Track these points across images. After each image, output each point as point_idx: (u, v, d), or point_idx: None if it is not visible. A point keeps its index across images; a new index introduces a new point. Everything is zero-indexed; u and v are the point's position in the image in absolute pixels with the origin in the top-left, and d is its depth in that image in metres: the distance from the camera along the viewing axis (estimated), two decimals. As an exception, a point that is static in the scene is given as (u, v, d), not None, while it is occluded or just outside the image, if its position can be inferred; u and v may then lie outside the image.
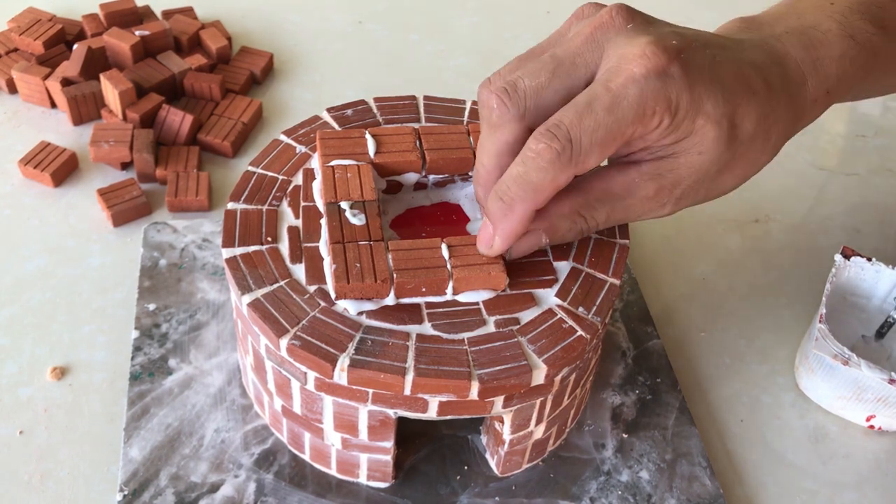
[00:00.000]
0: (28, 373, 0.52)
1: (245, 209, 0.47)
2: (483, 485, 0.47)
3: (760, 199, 0.68)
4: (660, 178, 0.42)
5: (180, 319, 0.54)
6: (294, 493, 0.46)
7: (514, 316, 0.43)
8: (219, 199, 0.64)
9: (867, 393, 0.51)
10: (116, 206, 0.60)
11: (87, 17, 0.74)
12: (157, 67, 0.70)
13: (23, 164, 0.63)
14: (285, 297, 0.42)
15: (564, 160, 0.38)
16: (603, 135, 0.38)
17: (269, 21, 0.82)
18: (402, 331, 0.42)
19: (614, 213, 0.43)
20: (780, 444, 0.52)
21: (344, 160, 0.47)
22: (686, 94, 0.39)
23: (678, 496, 0.48)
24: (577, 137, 0.38)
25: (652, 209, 0.43)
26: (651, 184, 0.42)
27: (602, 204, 0.42)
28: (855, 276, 0.56)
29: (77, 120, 0.68)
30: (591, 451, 0.49)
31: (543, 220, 0.42)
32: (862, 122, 0.78)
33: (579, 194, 0.42)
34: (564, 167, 0.38)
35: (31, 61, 0.70)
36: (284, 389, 0.44)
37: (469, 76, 0.77)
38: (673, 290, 0.61)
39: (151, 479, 0.46)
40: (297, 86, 0.75)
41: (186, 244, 0.58)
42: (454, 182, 0.49)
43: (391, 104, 0.53)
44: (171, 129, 0.66)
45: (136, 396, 0.49)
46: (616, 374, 0.53)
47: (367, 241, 0.43)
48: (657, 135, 0.40)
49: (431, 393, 0.40)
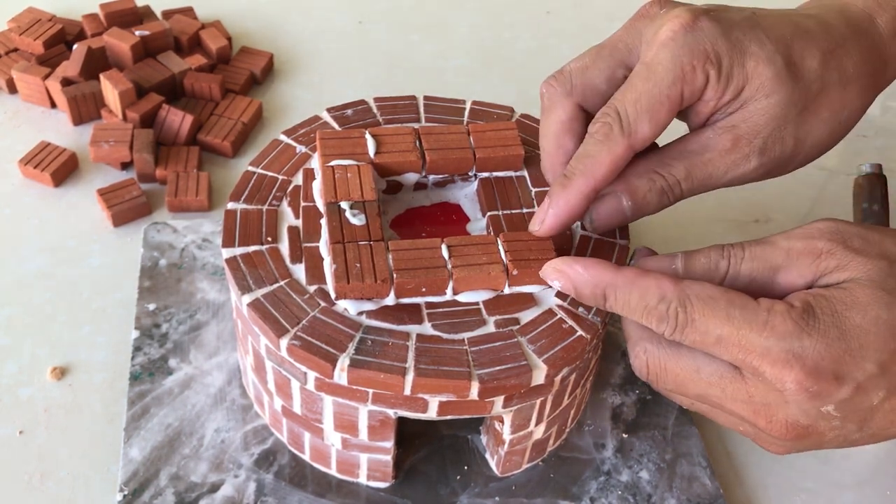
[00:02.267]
0: (28, 373, 0.52)
1: (245, 209, 0.47)
2: (483, 485, 0.47)
3: (760, 199, 0.68)
4: (734, 129, 0.41)
5: (180, 319, 0.54)
6: (294, 493, 0.46)
7: (514, 316, 0.43)
8: (219, 199, 0.64)
9: (867, 393, 0.51)
10: (116, 206, 0.60)
11: (87, 17, 0.74)
12: (157, 67, 0.70)
13: (23, 164, 0.63)
14: (285, 297, 0.42)
15: (616, 132, 0.40)
16: (646, 102, 0.39)
17: (269, 21, 0.82)
18: (402, 331, 0.42)
19: (694, 168, 0.42)
20: (780, 444, 0.52)
21: (344, 160, 0.46)
22: (723, 41, 0.39)
23: (678, 496, 0.48)
24: (623, 110, 0.40)
25: (735, 163, 0.41)
26: (726, 136, 0.41)
27: (678, 161, 0.42)
28: (855, 276, 0.56)
29: (77, 120, 0.68)
30: (591, 451, 0.49)
31: (619, 182, 0.42)
32: (862, 121, 0.77)
33: (653, 156, 0.42)
34: (617, 139, 0.40)
35: (31, 61, 0.70)
36: (284, 389, 0.44)
37: (469, 76, 0.77)
38: (673, 290, 0.61)
39: (151, 479, 0.46)
40: (297, 86, 0.75)
41: (186, 244, 0.58)
42: (454, 182, 0.49)
43: (391, 104, 0.53)
44: (171, 129, 0.66)
45: (136, 396, 0.49)
46: (616, 374, 0.53)
47: (367, 241, 0.43)
48: (713, 91, 0.40)
49: (431, 393, 0.40)
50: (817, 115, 0.42)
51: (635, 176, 0.42)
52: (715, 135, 0.41)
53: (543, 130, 0.44)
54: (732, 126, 0.41)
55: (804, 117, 0.41)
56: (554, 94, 0.43)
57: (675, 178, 0.42)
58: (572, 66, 0.43)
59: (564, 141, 0.43)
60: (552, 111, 0.43)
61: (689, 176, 0.42)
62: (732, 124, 0.41)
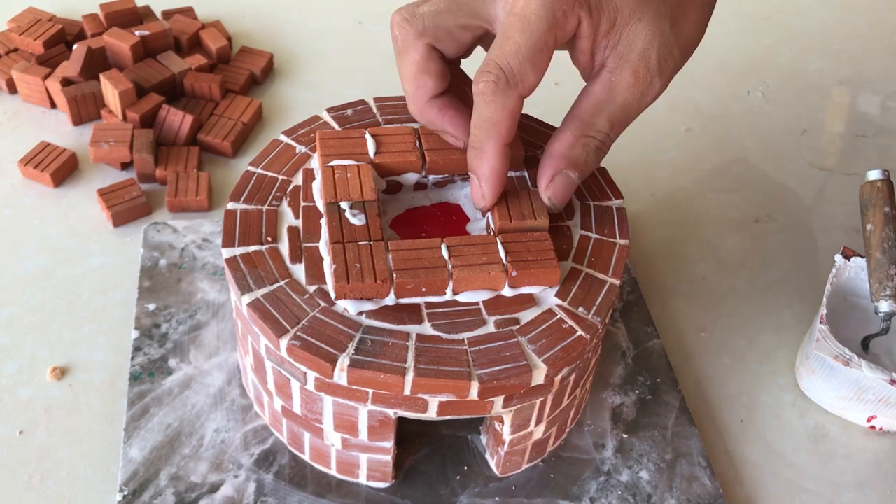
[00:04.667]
0: (28, 373, 0.52)
1: (245, 209, 0.47)
2: (483, 485, 0.47)
3: (760, 199, 0.68)
4: (626, 62, 0.42)
5: (180, 319, 0.54)
6: (294, 493, 0.46)
7: (513, 316, 0.43)
8: (219, 199, 0.64)
9: (868, 394, 0.51)
10: (116, 206, 0.60)
11: (87, 17, 0.74)
12: (157, 67, 0.70)
13: (23, 164, 0.63)
14: (285, 297, 0.42)
15: (503, 86, 0.41)
16: (527, 52, 0.40)
17: (269, 21, 0.82)
18: (401, 331, 0.41)
19: (613, 116, 0.43)
20: (780, 444, 0.52)
21: (344, 160, 0.46)
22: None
23: (678, 496, 0.48)
24: (506, 63, 0.40)
25: (644, 92, 0.43)
26: (624, 71, 0.42)
27: (597, 116, 0.43)
28: (855, 276, 0.56)
29: (77, 120, 0.68)
30: (591, 451, 0.49)
31: (559, 159, 0.44)
32: (862, 122, 0.78)
33: (573, 120, 0.44)
34: (506, 92, 0.41)
35: (31, 61, 0.70)
36: (284, 389, 0.44)
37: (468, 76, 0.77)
38: (673, 290, 0.61)
39: (151, 479, 0.46)
40: (297, 86, 0.75)
41: (186, 244, 0.58)
42: (454, 182, 0.49)
43: (391, 104, 0.53)
44: (171, 129, 0.66)
45: (136, 396, 0.49)
46: (616, 374, 0.53)
47: (367, 241, 0.43)
48: (589, 27, 0.41)
49: (431, 393, 0.40)
50: (687, 18, 0.43)
51: (569, 147, 0.44)
52: (614, 76, 0.42)
53: (402, 73, 0.45)
54: (624, 60, 0.42)
55: (678, 26, 0.43)
56: (406, 35, 0.44)
57: (603, 132, 0.43)
58: (425, 10, 0.43)
59: (423, 81, 0.44)
60: (406, 53, 0.44)
61: (613, 124, 0.43)
62: (622, 58, 0.42)
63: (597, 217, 0.48)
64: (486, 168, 0.43)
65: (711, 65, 0.82)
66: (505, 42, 0.41)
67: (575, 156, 0.44)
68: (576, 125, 0.43)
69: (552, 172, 0.44)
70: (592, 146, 0.44)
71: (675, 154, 0.72)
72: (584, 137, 0.43)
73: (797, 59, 0.84)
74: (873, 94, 0.81)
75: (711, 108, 0.77)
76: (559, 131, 0.44)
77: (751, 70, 0.82)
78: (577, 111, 0.44)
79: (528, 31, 0.40)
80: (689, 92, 0.78)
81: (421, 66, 0.44)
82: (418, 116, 0.46)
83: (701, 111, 0.77)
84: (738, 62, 0.83)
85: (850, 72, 0.83)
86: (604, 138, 0.44)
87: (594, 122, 0.43)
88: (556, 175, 0.44)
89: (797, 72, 0.82)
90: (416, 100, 0.45)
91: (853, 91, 0.81)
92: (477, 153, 0.43)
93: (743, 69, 0.82)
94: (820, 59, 0.84)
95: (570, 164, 0.44)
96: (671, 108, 0.76)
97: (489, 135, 0.42)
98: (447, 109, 0.45)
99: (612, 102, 0.43)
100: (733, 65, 0.82)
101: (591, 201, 0.49)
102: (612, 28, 0.41)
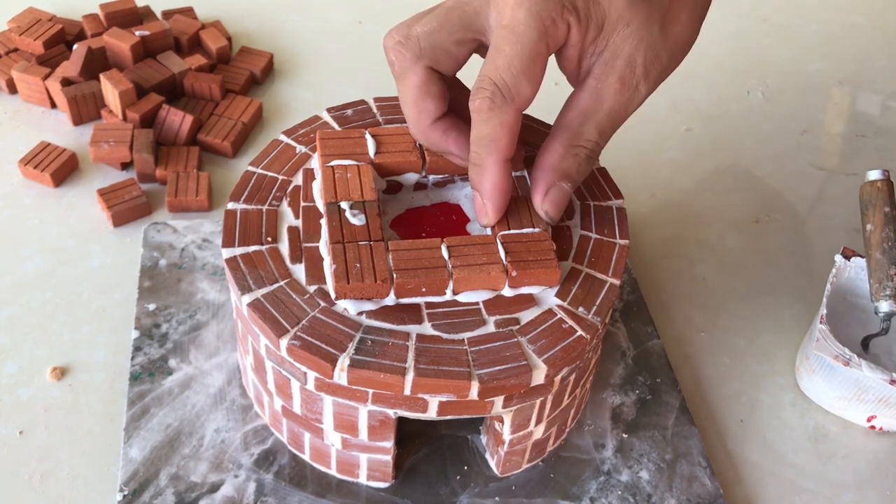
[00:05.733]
0: (28, 373, 0.52)
1: (245, 209, 0.47)
2: (483, 485, 0.47)
3: (760, 199, 0.68)
4: (612, 69, 0.42)
5: (180, 319, 0.54)
6: (294, 493, 0.46)
7: (513, 316, 0.43)
8: (219, 199, 0.64)
9: (868, 394, 0.51)
10: (116, 206, 0.60)
11: (87, 17, 0.74)
12: (157, 67, 0.70)
13: (23, 164, 0.63)
14: (285, 297, 0.42)
15: (499, 101, 0.40)
16: (519, 64, 0.40)
17: (269, 21, 0.82)
18: (402, 331, 0.41)
19: (601, 124, 0.43)
20: (780, 444, 0.52)
21: (344, 160, 0.46)
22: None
23: (678, 496, 0.48)
24: (500, 78, 0.40)
25: (630, 98, 0.43)
26: (611, 79, 0.42)
27: (586, 125, 0.43)
28: (855, 276, 0.56)
29: (77, 120, 0.68)
30: (591, 451, 0.49)
31: (551, 172, 0.43)
32: (862, 122, 0.78)
33: (562, 131, 0.43)
34: (503, 107, 0.41)
35: (31, 61, 0.70)
36: (284, 389, 0.44)
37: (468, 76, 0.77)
38: (673, 290, 0.61)
39: (151, 479, 0.46)
40: (297, 86, 0.75)
41: (186, 244, 0.58)
42: (454, 182, 0.49)
43: (391, 104, 0.53)
44: (171, 129, 0.66)
45: (136, 396, 0.49)
46: (616, 374, 0.53)
47: (367, 241, 0.43)
48: (577, 35, 0.41)
49: (431, 393, 0.40)
50: (678, 20, 0.43)
51: (560, 159, 0.43)
52: (600, 83, 0.42)
53: (403, 99, 0.44)
54: (610, 67, 0.42)
55: (668, 29, 0.42)
56: (404, 60, 0.43)
57: (592, 140, 0.43)
58: (419, 31, 0.43)
59: (426, 105, 0.44)
60: (405, 77, 0.43)
61: (601, 132, 0.43)
62: (608, 65, 0.42)
63: (597, 217, 0.48)
64: (488, 185, 0.43)
65: (711, 65, 0.82)
66: (497, 56, 0.40)
67: (566, 167, 0.43)
68: (565, 136, 0.43)
69: (546, 186, 0.44)
70: (583, 156, 0.43)
71: (675, 154, 0.72)
72: (573, 148, 0.43)
73: (797, 59, 0.84)
74: (873, 94, 0.81)
75: (711, 108, 0.77)
76: (548, 142, 0.44)
77: (751, 70, 0.82)
78: (564, 121, 0.43)
79: (518, 44, 0.40)
80: (689, 92, 0.78)
81: (422, 90, 0.43)
82: (421, 139, 0.46)
83: (701, 111, 0.77)
84: (738, 62, 0.83)
85: (850, 72, 0.83)
86: (593, 147, 0.43)
87: (582, 131, 0.43)
88: (551, 188, 0.44)
89: (797, 72, 0.82)
90: (418, 124, 0.45)
91: (853, 91, 0.81)
92: (478, 170, 0.43)
93: (743, 69, 0.82)
94: (820, 59, 0.84)
95: (563, 176, 0.44)
96: (671, 108, 0.76)
97: (489, 151, 0.42)
98: (450, 131, 0.45)
99: (599, 111, 0.42)
100: (733, 65, 0.82)
101: (590, 201, 0.49)
102: (600, 34, 0.41)
